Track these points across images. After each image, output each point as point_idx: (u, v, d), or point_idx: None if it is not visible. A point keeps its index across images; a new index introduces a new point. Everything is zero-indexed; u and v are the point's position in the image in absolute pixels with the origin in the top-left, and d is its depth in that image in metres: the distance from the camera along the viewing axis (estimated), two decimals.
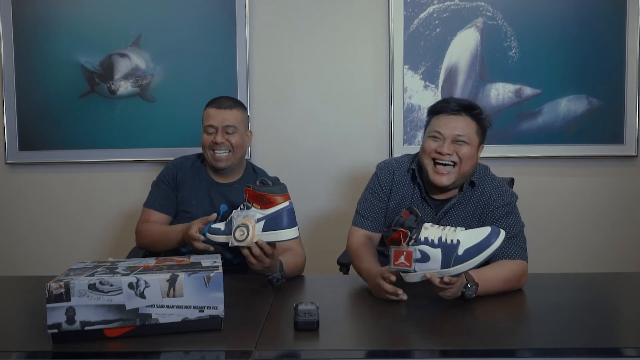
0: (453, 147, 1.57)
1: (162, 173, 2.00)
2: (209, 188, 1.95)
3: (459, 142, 1.57)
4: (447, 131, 1.58)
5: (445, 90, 2.65)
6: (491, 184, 1.66)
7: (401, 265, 1.32)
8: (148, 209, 1.95)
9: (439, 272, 1.30)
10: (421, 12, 2.62)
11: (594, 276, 1.85)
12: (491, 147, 2.65)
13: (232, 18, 2.63)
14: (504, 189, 1.65)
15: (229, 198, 1.93)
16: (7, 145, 2.69)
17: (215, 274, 1.18)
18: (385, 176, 1.73)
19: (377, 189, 1.73)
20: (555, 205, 2.71)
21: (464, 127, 1.58)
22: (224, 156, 1.89)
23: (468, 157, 1.57)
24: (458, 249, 1.27)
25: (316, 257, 2.24)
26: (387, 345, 1.16)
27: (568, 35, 2.61)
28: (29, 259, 2.76)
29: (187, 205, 1.94)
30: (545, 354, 1.10)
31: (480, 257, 1.26)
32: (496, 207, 1.62)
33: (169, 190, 1.96)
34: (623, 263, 2.69)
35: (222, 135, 1.88)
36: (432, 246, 1.30)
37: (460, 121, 1.59)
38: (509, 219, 1.61)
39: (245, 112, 1.99)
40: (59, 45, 2.64)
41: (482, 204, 1.64)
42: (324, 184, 2.71)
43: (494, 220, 1.60)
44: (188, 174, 1.97)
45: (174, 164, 2.01)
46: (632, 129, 2.64)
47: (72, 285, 1.11)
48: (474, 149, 1.60)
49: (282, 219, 1.43)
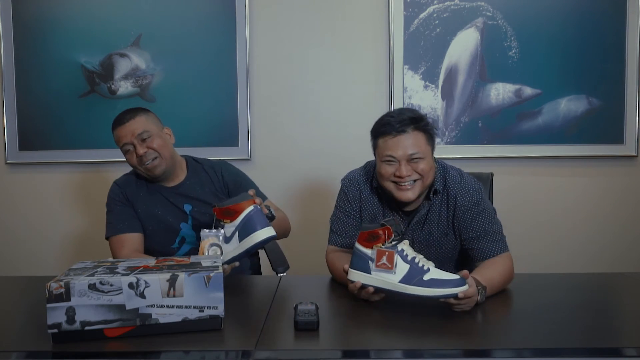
0: (410, 165, 1.55)
1: (110, 198, 1.90)
2: (164, 195, 1.89)
3: (414, 160, 1.55)
4: (399, 153, 1.54)
5: (445, 90, 2.65)
6: (454, 186, 1.63)
7: (383, 266, 1.31)
8: (116, 236, 1.83)
9: (394, 285, 1.31)
10: (421, 12, 2.62)
11: (594, 276, 1.85)
12: (491, 147, 2.66)
13: (232, 18, 2.63)
14: (467, 188, 1.63)
15: (189, 196, 1.89)
16: (7, 145, 2.69)
17: (215, 274, 1.18)
18: (353, 193, 1.71)
19: (347, 206, 1.71)
20: (555, 205, 2.71)
21: (415, 144, 1.55)
22: (155, 163, 1.82)
23: (427, 170, 1.56)
24: (424, 275, 1.28)
25: (316, 257, 2.24)
26: (387, 345, 1.16)
27: (568, 35, 2.61)
28: (29, 259, 2.76)
29: (153, 217, 1.87)
30: (545, 353, 1.10)
31: (437, 291, 1.26)
32: (465, 211, 1.62)
33: (126, 208, 1.87)
34: (623, 263, 2.69)
35: (141, 145, 1.79)
36: (404, 260, 1.31)
37: (409, 138, 1.54)
38: (480, 218, 1.61)
39: (148, 113, 1.88)
40: (59, 45, 2.65)
41: (451, 209, 1.63)
42: (324, 184, 2.71)
43: (467, 223, 1.61)
44: (139, 189, 1.90)
45: (118, 185, 1.92)
46: (632, 129, 2.64)
47: (72, 285, 1.11)
48: (429, 159, 1.58)
49: (252, 222, 1.47)
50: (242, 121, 2.66)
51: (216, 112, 2.65)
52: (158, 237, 1.86)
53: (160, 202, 1.88)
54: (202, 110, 2.67)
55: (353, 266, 1.38)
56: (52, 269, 2.59)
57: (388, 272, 1.31)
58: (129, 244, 1.81)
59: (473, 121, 2.66)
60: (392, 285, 1.31)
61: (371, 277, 1.34)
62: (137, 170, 1.86)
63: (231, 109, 2.66)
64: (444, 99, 2.66)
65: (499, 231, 1.62)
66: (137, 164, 1.82)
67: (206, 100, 2.65)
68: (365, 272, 1.35)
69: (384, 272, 1.31)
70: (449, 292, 1.25)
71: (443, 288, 1.26)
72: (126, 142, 1.81)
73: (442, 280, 1.27)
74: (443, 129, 2.66)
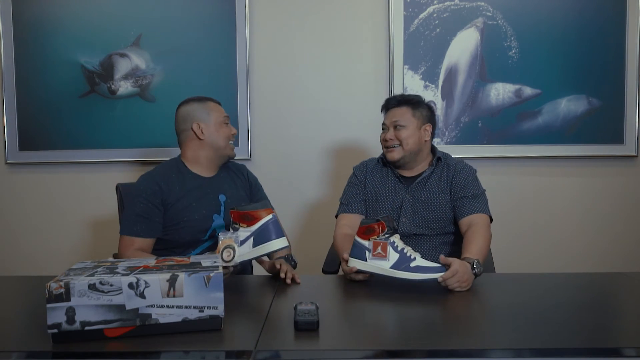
0: (394, 132, 1.94)
1: (138, 190, 1.83)
2: (200, 185, 1.89)
3: (397, 127, 1.94)
4: (387, 121, 1.98)
5: (445, 90, 2.65)
6: (454, 160, 2.01)
7: (378, 255, 1.55)
8: (129, 237, 1.80)
9: (385, 270, 1.55)
10: (421, 12, 2.62)
11: (594, 276, 1.85)
12: (491, 147, 2.66)
13: (232, 18, 2.63)
14: (464, 163, 2.00)
15: (224, 187, 1.93)
16: (7, 145, 2.69)
17: (215, 274, 1.18)
18: (360, 170, 2.07)
19: (353, 180, 2.06)
20: (555, 205, 2.72)
21: (399, 115, 1.95)
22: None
23: (406, 137, 1.93)
24: (411, 263, 1.53)
25: (316, 257, 2.24)
26: (387, 345, 1.16)
27: (568, 35, 2.61)
28: (29, 259, 2.76)
29: (188, 209, 1.85)
30: (545, 354, 1.10)
31: (420, 276, 1.51)
32: (462, 177, 1.94)
33: (150, 209, 1.81)
34: (623, 263, 2.69)
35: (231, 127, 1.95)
36: (395, 250, 1.55)
37: (397, 111, 1.96)
38: (472, 185, 1.94)
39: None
40: (59, 45, 2.65)
41: (450, 174, 1.95)
42: (324, 184, 2.71)
43: (461, 186, 1.92)
44: (175, 182, 1.86)
45: (151, 177, 1.85)
46: (632, 129, 2.64)
47: (72, 285, 1.11)
48: (411, 130, 1.94)
49: (268, 231, 1.53)
50: (242, 121, 2.66)
51: None
52: (192, 227, 1.85)
53: (196, 191, 1.88)
54: None
55: (352, 255, 1.62)
56: (52, 269, 2.59)
57: (382, 259, 1.55)
58: (138, 246, 1.81)
59: (473, 121, 2.66)
60: (384, 271, 1.55)
61: (367, 264, 1.58)
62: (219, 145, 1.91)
63: (231, 108, 2.65)
64: (444, 99, 2.66)
65: (485, 199, 1.94)
66: (228, 138, 1.92)
67: None
68: (362, 260, 1.59)
69: (379, 260, 1.56)
70: (430, 276, 1.50)
71: (426, 273, 1.51)
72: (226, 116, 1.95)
73: (425, 267, 1.52)
74: (443, 129, 2.66)
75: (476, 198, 1.90)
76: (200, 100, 1.94)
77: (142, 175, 1.89)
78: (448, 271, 1.50)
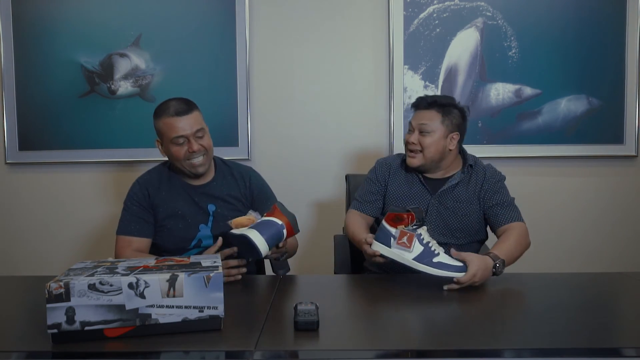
0: (419, 137, 1.86)
1: (129, 196, 1.88)
2: (189, 193, 1.86)
3: (423, 132, 1.85)
4: (415, 122, 1.88)
5: (445, 90, 2.65)
6: (483, 166, 1.94)
7: (402, 245, 1.53)
8: (125, 236, 1.83)
9: (408, 261, 1.53)
10: (421, 12, 2.62)
11: (594, 276, 1.85)
12: (491, 147, 2.66)
13: (232, 18, 2.63)
14: (493, 168, 1.95)
15: (214, 196, 1.88)
16: (7, 145, 2.69)
17: (215, 274, 1.18)
18: (383, 169, 1.97)
19: (374, 179, 1.97)
20: (555, 205, 2.72)
21: (429, 119, 1.85)
22: (202, 160, 1.81)
23: (429, 144, 1.84)
24: (434, 258, 1.51)
25: (316, 257, 2.25)
26: (387, 345, 1.16)
27: (568, 35, 2.61)
28: (29, 259, 2.77)
29: (173, 217, 1.84)
30: (545, 354, 1.10)
31: (440, 272, 1.49)
32: (491, 184, 1.88)
33: (142, 210, 1.84)
34: (623, 263, 2.70)
35: (196, 142, 1.78)
36: (420, 243, 1.53)
37: (427, 114, 1.86)
38: (502, 192, 1.88)
39: (199, 109, 1.86)
40: (59, 45, 2.65)
41: (480, 180, 1.89)
42: (324, 184, 2.71)
43: (491, 193, 1.86)
44: (161, 188, 1.87)
45: (139, 184, 1.89)
46: (632, 129, 2.64)
47: (72, 285, 1.11)
48: (437, 137, 1.85)
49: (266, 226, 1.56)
50: (242, 121, 2.66)
51: (216, 112, 2.65)
52: (175, 236, 1.84)
53: (183, 200, 1.86)
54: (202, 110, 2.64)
55: (377, 239, 1.60)
56: (52, 269, 2.59)
57: (406, 249, 1.53)
58: (135, 246, 1.82)
59: (473, 121, 2.65)
60: (406, 261, 1.53)
61: (390, 251, 1.56)
62: (176, 164, 1.82)
63: (231, 109, 2.66)
64: None
65: (516, 207, 1.87)
66: (182, 158, 1.79)
67: (206, 100, 2.64)
68: (386, 246, 1.57)
69: (402, 249, 1.53)
70: (450, 274, 1.49)
71: (446, 271, 1.49)
72: (182, 135, 1.77)
73: (447, 265, 1.50)
74: None
75: (507, 206, 1.85)
76: (158, 114, 1.82)
77: (135, 181, 1.93)
78: (466, 275, 1.47)
